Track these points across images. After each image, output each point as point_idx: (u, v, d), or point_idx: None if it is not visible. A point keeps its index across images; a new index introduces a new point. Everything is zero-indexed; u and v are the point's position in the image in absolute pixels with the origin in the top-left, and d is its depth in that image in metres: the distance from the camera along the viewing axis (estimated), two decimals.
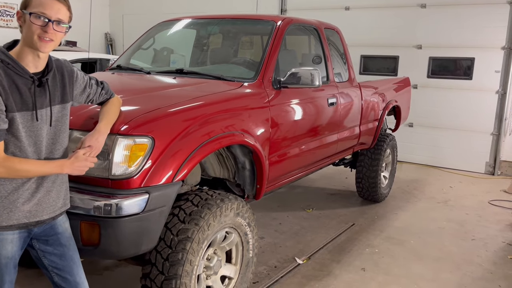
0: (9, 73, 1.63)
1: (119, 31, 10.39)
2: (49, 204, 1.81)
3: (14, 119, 1.64)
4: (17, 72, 1.65)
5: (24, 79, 1.67)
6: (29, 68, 1.69)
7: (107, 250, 2.10)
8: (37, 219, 1.78)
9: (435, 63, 7.04)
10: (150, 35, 4.09)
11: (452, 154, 7.05)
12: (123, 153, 2.09)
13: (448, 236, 4.31)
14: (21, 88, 1.66)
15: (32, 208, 1.75)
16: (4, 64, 1.63)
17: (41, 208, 1.78)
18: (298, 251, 3.80)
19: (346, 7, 7.58)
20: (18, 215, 1.72)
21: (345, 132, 4.21)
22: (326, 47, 4.06)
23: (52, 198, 1.82)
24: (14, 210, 1.71)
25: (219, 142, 2.51)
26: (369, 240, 4.10)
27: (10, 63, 1.64)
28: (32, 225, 1.79)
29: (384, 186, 5.26)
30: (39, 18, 1.64)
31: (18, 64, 1.66)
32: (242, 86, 3.02)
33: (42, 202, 1.78)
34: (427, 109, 7.11)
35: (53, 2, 1.66)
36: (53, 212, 1.84)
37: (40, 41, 1.65)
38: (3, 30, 8.44)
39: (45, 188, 1.78)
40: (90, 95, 2.02)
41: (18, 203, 1.71)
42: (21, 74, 1.66)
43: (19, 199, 1.71)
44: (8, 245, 1.74)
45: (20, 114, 1.65)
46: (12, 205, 1.70)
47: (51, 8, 1.65)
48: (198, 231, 2.30)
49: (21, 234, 1.77)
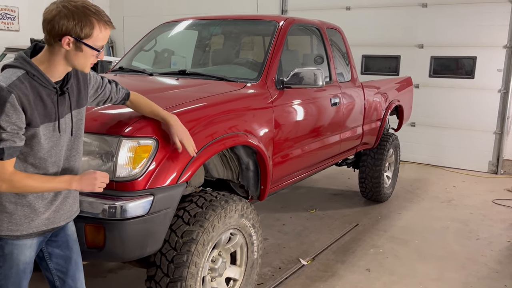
0: (34, 85, 1.58)
1: (119, 33, 10.39)
2: (66, 210, 1.81)
3: (37, 132, 1.60)
4: (42, 84, 1.60)
5: (48, 90, 1.63)
6: (53, 78, 1.64)
7: (112, 252, 2.09)
8: (54, 226, 1.78)
9: (437, 62, 7.03)
10: (151, 37, 4.08)
11: (455, 153, 7.03)
12: (128, 155, 2.08)
13: (452, 236, 4.30)
14: (45, 100, 1.62)
15: (51, 216, 1.75)
16: (29, 75, 1.58)
17: (59, 215, 1.78)
18: (302, 252, 3.79)
19: (347, 7, 7.58)
20: (37, 223, 1.71)
21: (348, 132, 4.20)
22: (329, 47, 4.05)
23: (69, 204, 1.82)
24: (35, 219, 1.70)
25: (222, 143, 2.50)
26: (373, 240, 4.09)
27: (36, 74, 1.59)
28: (49, 231, 1.79)
29: (387, 186, 5.25)
30: (98, 51, 1.64)
31: (45, 77, 1.61)
32: (245, 87, 3.01)
33: (60, 209, 1.78)
34: (429, 109, 7.10)
35: (109, 33, 1.67)
36: (69, 218, 1.85)
37: (89, 67, 1.69)
38: (4, 33, 8.45)
39: (63, 195, 1.77)
40: (106, 93, 1.99)
41: (39, 212, 1.70)
42: (46, 85, 1.62)
43: (39, 208, 1.70)
44: (27, 251, 1.74)
45: (43, 126, 1.62)
46: (33, 214, 1.69)
47: (106, 39, 1.67)
48: (203, 232, 2.29)
49: (38, 239, 1.77)
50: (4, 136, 1.51)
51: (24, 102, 1.53)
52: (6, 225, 1.66)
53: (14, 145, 1.54)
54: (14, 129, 1.52)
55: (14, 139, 1.53)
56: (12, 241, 1.69)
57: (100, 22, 1.61)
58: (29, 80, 1.57)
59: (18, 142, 1.55)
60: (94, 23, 1.59)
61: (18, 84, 1.54)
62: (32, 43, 1.71)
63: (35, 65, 1.60)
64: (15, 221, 1.67)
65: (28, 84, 1.57)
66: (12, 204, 1.66)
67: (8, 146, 1.52)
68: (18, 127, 1.54)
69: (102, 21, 1.61)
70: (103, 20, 1.62)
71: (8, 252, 1.70)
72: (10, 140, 1.52)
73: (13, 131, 1.52)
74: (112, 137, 2.08)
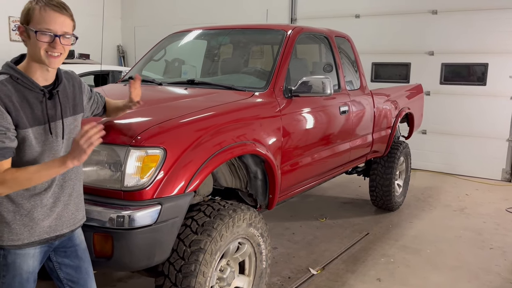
0: (19, 88, 1.60)
1: (131, 43, 10.52)
2: (68, 217, 1.81)
3: (27, 135, 1.61)
4: (27, 87, 1.63)
5: (34, 93, 1.64)
6: (38, 82, 1.66)
7: (120, 261, 2.10)
8: (57, 233, 1.78)
9: (448, 69, 6.98)
10: (161, 47, 4.13)
11: (467, 161, 6.95)
12: (135, 165, 2.09)
13: (465, 245, 4.23)
14: (32, 102, 1.63)
15: (52, 223, 1.75)
16: (13, 79, 1.61)
17: (61, 222, 1.78)
18: (312, 261, 3.76)
19: (356, 15, 7.58)
20: (39, 231, 1.72)
21: (358, 140, 4.18)
22: (337, 55, 4.05)
23: (71, 211, 1.82)
24: (35, 227, 1.70)
25: (230, 152, 2.50)
26: (384, 250, 4.04)
27: (20, 77, 1.61)
28: (53, 240, 1.79)
29: (398, 195, 5.19)
30: (45, 34, 1.60)
31: (28, 78, 1.63)
32: (253, 96, 3.02)
33: (62, 216, 1.78)
34: (441, 116, 7.04)
35: (57, 16, 1.61)
36: (73, 225, 1.85)
37: (48, 58, 1.62)
38: (18, 44, 8.57)
39: (63, 202, 1.78)
40: (93, 106, 2.04)
41: (38, 220, 1.70)
42: (31, 88, 1.63)
43: (39, 216, 1.70)
44: (30, 260, 1.74)
45: (33, 129, 1.63)
46: (32, 222, 1.69)
47: (55, 22, 1.60)
48: (211, 242, 2.28)
49: (42, 249, 1.77)
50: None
51: (7, 103, 1.55)
52: (6, 235, 1.67)
53: (3, 146, 1.55)
54: (1, 130, 1.53)
55: (3, 140, 1.54)
56: (14, 251, 1.70)
57: (39, 3, 1.61)
58: (12, 83, 1.60)
59: (8, 142, 1.55)
60: (34, 5, 1.61)
61: (0, 86, 1.56)
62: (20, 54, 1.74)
63: (18, 69, 1.63)
64: (15, 230, 1.67)
65: (11, 87, 1.59)
66: (10, 213, 1.66)
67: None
68: (5, 128, 1.55)
69: (42, 2, 1.61)
70: (43, 1, 1.61)
71: (11, 262, 1.70)
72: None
73: (0, 132, 1.53)
74: (121, 147, 2.09)
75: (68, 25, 1.66)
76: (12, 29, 8.48)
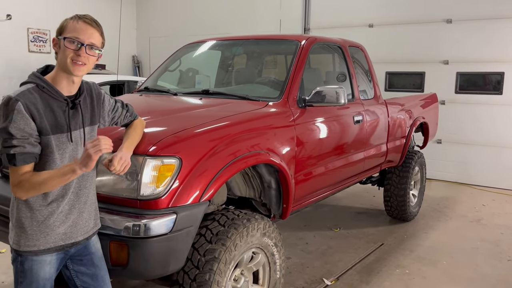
0: (44, 97, 1.68)
1: (146, 53, 10.67)
2: (82, 225, 1.85)
3: (49, 142, 1.68)
4: (52, 96, 1.71)
5: (58, 102, 1.72)
6: (63, 92, 1.74)
7: (135, 270, 2.11)
8: (72, 241, 1.82)
9: (463, 78, 6.92)
10: (176, 57, 4.18)
11: (483, 171, 6.85)
12: (151, 174, 2.12)
13: (482, 256, 4.16)
14: (56, 111, 1.71)
15: (67, 230, 1.80)
16: (39, 88, 1.69)
17: (76, 230, 1.83)
18: (326, 271, 3.73)
19: (369, 25, 7.58)
20: (54, 238, 1.76)
21: (372, 150, 4.16)
22: (351, 64, 4.05)
23: (85, 219, 1.86)
24: (51, 234, 1.75)
25: (245, 162, 2.52)
26: (399, 261, 3.99)
27: (45, 86, 1.70)
28: (68, 247, 1.83)
29: (413, 205, 5.14)
30: (72, 42, 1.69)
31: (53, 88, 1.71)
32: (267, 106, 3.03)
33: (76, 224, 1.83)
34: (456, 125, 6.97)
35: (87, 27, 1.72)
36: (86, 233, 1.89)
37: (73, 65, 1.70)
38: (37, 55, 8.78)
39: (78, 209, 1.82)
40: (115, 117, 2.07)
41: (54, 226, 1.75)
42: (56, 97, 1.71)
43: (55, 223, 1.75)
44: (47, 267, 1.78)
45: (55, 136, 1.70)
46: (48, 229, 1.74)
47: (85, 33, 1.71)
48: (225, 251, 2.29)
49: (58, 256, 1.82)
50: (14, 142, 1.59)
51: (32, 110, 1.62)
52: (23, 240, 1.73)
53: (25, 151, 1.61)
54: (24, 136, 1.60)
55: (24, 145, 1.61)
56: (31, 257, 1.75)
57: (74, 18, 1.73)
58: (39, 92, 1.68)
59: (29, 148, 1.62)
60: (69, 20, 1.74)
61: (27, 94, 1.64)
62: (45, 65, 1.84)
63: (44, 78, 1.72)
64: (31, 236, 1.72)
65: (37, 95, 1.67)
66: (27, 219, 1.72)
67: (19, 152, 1.60)
68: (28, 134, 1.61)
69: (76, 16, 1.74)
70: (77, 16, 1.74)
71: (28, 268, 1.75)
72: (20, 146, 1.60)
73: (23, 138, 1.60)
74: (137, 156, 2.12)
75: (97, 39, 1.75)
76: (31, 41, 8.68)
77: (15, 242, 1.75)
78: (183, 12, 9.85)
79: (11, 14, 8.33)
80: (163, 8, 10.21)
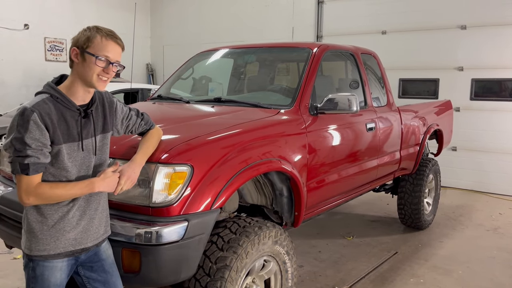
0: (58, 107, 1.73)
1: (159, 61, 10.79)
2: (92, 231, 1.88)
3: (60, 150, 1.72)
4: (65, 106, 1.75)
5: (72, 112, 1.76)
6: (77, 101, 1.78)
7: (147, 277, 2.12)
8: (82, 247, 1.85)
9: (478, 84, 6.84)
10: (189, 65, 4.22)
11: (499, 179, 6.73)
12: (163, 181, 2.13)
13: (499, 266, 4.07)
14: (68, 120, 1.75)
15: (77, 236, 1.82)
16: (53, 98, 1.73)
17: (86, 236, 1.85)
18: (339, 280, 3.70)
19: (382, 31, 7.55)
20: (64, 243, 1.79)
21: (385, 157, 4.13)
22: (363, 72, 4.04)
23: (95, 225, 1.89)
24: (61, 238, 1.78)
25: (256, 169, 2.52)
26: (413, 270, 3.94)
27: (59, 97, 1.74)
28: (78, 253, 1.85)
29: (428, 213, 5.07)
30: (102, 61, 1.75)
31: (67, 98, 1.75)
32: (278, 113, 3.04)
33: (86, 230, 1.85)
34: (471, 132, 6.88)
35: (116, 47, 1.79)
36: (96, 239, 1.91)
37: (98, 81, 1.77)
38: (53, 64, 8.95)
39: (89, 216, 1.85)
40: (130, 125, 2.10)
41: (65, 232, 1.78)
42: (69, 107, 1.76)
43: (65, 228, 1.78)
44: (57, 273, 1.81)
45: (67, 145, 1.74)
46: (58, 234, 1.77)
47: (114, 51, 1.78)
48: (237, 259, 2.29)
49: (69, 262, 1.84)
50: (29, 152, 1.63)
51: (47, 120, 1.67)
52: (34, 245, 1.76)
53: (38, 161, 1.66)
54: (38, 146, 1.65)
55: (38, 156, 1.65)
56: (42, 263, 1.78)
57: (100, 33, 1.76)
58: (53, 102, 1.73)
59: (42, 158, 1.67)
60: (95, 33, 1.76)
61: (42, 104, 1.68)
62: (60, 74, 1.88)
63: (58, 89, 1.76)
64: (42, 241, 1.76)
65: (52, 105, 1.71)
66: (38, 223, 1.76)
67: (33, 162, 1.64)
68: (42, 144, 1.66)
69: (103, 32, 1.77)
70: (104, 32, 1.78)
71: (39, 274, 1.78)
72: (34, 157, 1.64)
73: (37, 148, 1.64)
74: (149, 164, 2.14)
75: (120, 55, 1.83)
76: (48, 50, 8.86)
77: (26, 246, 1.79)
78: (196, 21, 9.95)
79: (29, 24, 8.52)
80: (177, 17, 10.33)
